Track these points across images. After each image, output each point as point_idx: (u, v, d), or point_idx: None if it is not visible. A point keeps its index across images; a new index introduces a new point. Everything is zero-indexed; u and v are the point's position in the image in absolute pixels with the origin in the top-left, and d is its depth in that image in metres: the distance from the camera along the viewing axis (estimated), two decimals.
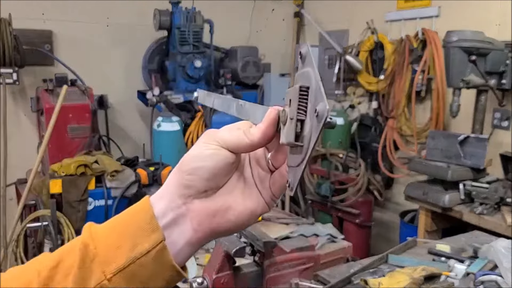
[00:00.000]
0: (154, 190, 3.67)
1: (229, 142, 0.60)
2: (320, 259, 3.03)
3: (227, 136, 0.61)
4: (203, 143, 0.62)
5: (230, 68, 4.98)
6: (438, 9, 4.17)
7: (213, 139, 0.61)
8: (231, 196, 0.63)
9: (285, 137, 0.57)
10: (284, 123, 0.57)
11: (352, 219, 4.40)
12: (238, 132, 0.61)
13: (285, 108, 0.58)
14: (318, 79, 0.53)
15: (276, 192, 0.65)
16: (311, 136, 0.53)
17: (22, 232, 3.52)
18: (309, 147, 0.54)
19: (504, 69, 3.42)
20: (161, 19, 4.60)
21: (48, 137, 3.59)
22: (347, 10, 5.15)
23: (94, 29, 4.79)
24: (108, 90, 4.67)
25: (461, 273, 2.08)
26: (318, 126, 0.51)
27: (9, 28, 3.92)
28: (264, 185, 0.65)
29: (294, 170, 0.57)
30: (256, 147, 0.61)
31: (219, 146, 0.60)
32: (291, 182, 0.58)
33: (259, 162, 0.66)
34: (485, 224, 2.98)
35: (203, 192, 0.61)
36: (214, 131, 0.63)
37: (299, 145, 0.55)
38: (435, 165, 3.39)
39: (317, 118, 0.51)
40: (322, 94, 0.51)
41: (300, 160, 0.55)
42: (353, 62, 4.76)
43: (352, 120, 4.95)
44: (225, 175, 0.62)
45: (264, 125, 0.60)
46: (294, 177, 0.57)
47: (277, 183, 0.64)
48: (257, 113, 0.64)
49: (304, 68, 0.57)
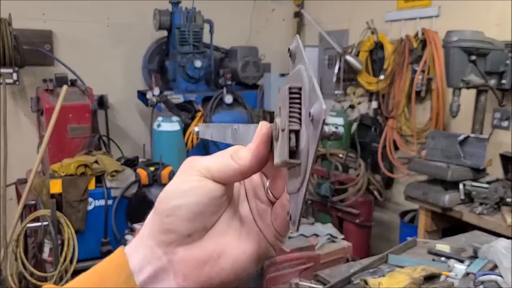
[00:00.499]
0: (154, 190, 3.68)
1: (214, 170, 0.48)
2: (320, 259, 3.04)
3: (210, 163, 0.49)
4: (181, 175, 0.50)
5: (230, 68, 4.98)
6: (438, 9, 4.18)
7: (194, 168, 0.49)
8: (224, 238, 0.51)
9: (278, 155, 0.45)
10: (276, 139, 0.46)
11: (352, 219, 4.40)
12: (224, 157, 0.49)
13: (276, 119, 0.47)
14: (310, 76, 0.42)
15: (280, 229, 0.52)
16: (309, 148, 0.42)
17: (22, 232, 3.52)
18: (307, 165, 0.42)
19: (504, 69, 3.42)
20: (161, 19, 4.60)
21: (48, 137, 3.59)
22: (347, 10, 5.15)
23: (94, 29, 4.79)
24: (108, 90, 4.67)
25: (461, 273, 2.08)
26: (315, 133, 0.40)
27: (9, 28, 3.92)
28: (265, 221, 0.53)
29: (295, 197, 0.45)
30: (248, 174, 0.49)
31: (202, 176, 0.48)
32: (292, 213, 0.46)
33: (257, 193, 0.54)
34: (485, 224, 2.99)
35: (187, 236, 0.49)
36: (195, 159, 0.51)
37: (295, 163, 0.44)
38: (435, 165, 3.39)
39: (313, 123, 0.40)
40: (317, 93, 0.40)
41: (299, 183, 0.43)
42: (353, 62, 4.76)
43: (352, 120, 4.95)
44: (213, 213, 0.50)
45: (254, 144, 0.48)
46: (296, 205, 0.45)
47: (280, 216, 0.51)
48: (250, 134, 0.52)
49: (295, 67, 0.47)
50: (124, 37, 4.94)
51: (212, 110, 4.63)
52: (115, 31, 4.89)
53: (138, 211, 3.61)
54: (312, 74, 0.43)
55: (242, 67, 4.98)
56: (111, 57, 4.91)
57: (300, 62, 0.46)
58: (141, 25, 4.93)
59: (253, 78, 5.09)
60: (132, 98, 4.92)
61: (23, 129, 4.52)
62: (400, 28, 4.43)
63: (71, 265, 3.42)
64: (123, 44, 4.96)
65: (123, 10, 4.86)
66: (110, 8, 4.82)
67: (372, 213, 4.63)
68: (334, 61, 5.12)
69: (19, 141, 4.40)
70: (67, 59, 4.45)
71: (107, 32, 4.87)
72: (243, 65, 4.98)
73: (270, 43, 5.65)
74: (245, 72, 5.00)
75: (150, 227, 0.50)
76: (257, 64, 5.07)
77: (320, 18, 5.43)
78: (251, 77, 5.05)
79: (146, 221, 0.51)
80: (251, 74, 5.03)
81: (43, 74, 4.39)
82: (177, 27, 4.63)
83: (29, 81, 4.48)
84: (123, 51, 4.98)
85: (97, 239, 3.62)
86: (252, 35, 5.63)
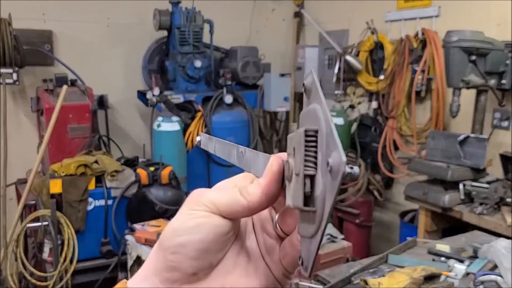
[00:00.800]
0: (154, 190, 3.68)
1: (221, 205, 0.46)
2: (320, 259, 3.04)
3: (218, 198, 0.47)
4: (187, 210, 0.47)
5: (230, 68, 4.98)
6: (438, 9, 4.17)
7: (200, 202, 0.47)
8: (231, 275, 0.49)
9: (291, 199, 0.44)
10: (289, 179, 0.44)
11: (352, 219, 4.40)
12: (232, 192, 0.47)
13: (289, 159, 0.45)
14: (328, 120, 0.40)
15: (289, 267, 0.50)
16: (325, 198, 0.40)
17: (22, 232, 3.52)
18: (323, 214, 0.40)
19: (504, 69, 3.42)
20: (161, 19, 4.59)
21: (48, 137, 3.59)
22: (347, 10, 5.15)
23: (94, 29, 4.78)
24: (108, 90, 4.66)
25: (461, 273, 2.08)
26: (333, 184, 0.38)
27: (9, 28, 3.92)
28: (273, 257, 0.50)
29: (308, 243, 0.43)
30: (257, 210, 0.47)
31: (209, 211, 0.46)
32: (304, 258, 0.44)
33: (265, 226, 0.51)
34: (485, 224, 2.99)
35: (192, 275, 0.47)
36: (201, 192, 0.48)
37: (310, 210, 0.42)
38: (435, 165, 3.39)
39: (331, 174, 0.38)
40: (336, 140, 0.38)
41: (314, 230, 0.42)
42: (353, 62, 4.76)
43: (352, 120, 4.95)
44: (220, 250, 0.48)
45: (264, 181, 0.46)
46: (309, 252, 0.43)
47: (289, 255, 0.49)
48: (258, 163, 0.50)
49: (310, 105, 0.45)
50: (124, 37, 4.94)
51: (212, 110, 4.63)
52: (115, 31, 4.89)
53: (138, 211, 3.61)
54: (330, 117, 0.41)
55: (242, 67, 4.97)
56: (111, 57, 4.91)
57: (315, 100, 0.44)
58: (141, 25, 4.93)
59: (253, 78, 5.09)
60: (132, 98, 4.92)
61: (23, 129, 4.51)
62: (400, 28, 4.43)
63: (71, 265, 3.43)
64: (123, 44, 4.96)
65: (123, 10, 4.86)
66: (110, 8, 4.81)
67: (372, 213, 4.63)
68: (334, 61, 5.11)
69: (19, 141, 4.39)
70: (67, 59, 4.44)
71: (107, 32, 4.87)
72: (243, 65, 4.98)
73: (270, 43, 5.65)
74: (245, 72, 5.00)
75: (154, 263, 0.48)
76: (257, 64, 5.07)
77: (320, 18, 5.43)
78: (251, 77, 5.05)
79: (151, 254, 0.49)
80: (251, 74, 5.03)
81: (43, 74, 4.39)
82: (177, 27, 4.62)
83: (29, 81, 4.48)
84: (123, 51, 4.97)
85: (97, 239, 3.62)
86: (252, 35, 5.63)
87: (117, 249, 3.57)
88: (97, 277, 3.60)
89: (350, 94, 5.10)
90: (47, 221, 3.35)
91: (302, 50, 5.48)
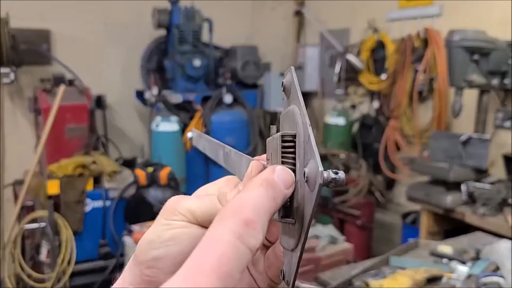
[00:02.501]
0: (152, 191, 3.65)
1: (199, 214, 0.43)
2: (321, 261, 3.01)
3: (195, 206, 0.43)
4: (163, 220, 0.44)
5: (229, 67, 4.95)
6: (440, 8, 4.15)
7: (176, 212, 0.44)
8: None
9: None
10: None
11: (353, 221, 4.38)
12: (211, 199, 0.44)
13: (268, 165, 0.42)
14: (306, 124, 0.37)
15: (275, 278, 0.47)
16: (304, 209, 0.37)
17: (19, 234, 3.50)
18: (303, 225, 0.37)
19: (507, 68, 3.39)
20: (159, 18, 4.57)
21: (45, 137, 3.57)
22: (348, 9, 5.12)
23: (92, 28, 4.76)
24: (106, 90, 4.64)
25: (463, 275, 2.07)
26: (312, 195, 0.36)
27: (6, 27, 3.89)
28: (258, 267, 0.47)
29: (290, 255, 0.40)
30: None
31: (186, 221, 0.43)
32: (286, 272, 0.41)
33: None
34: (487, 225, 2.96)
35: None
36: (178, 200, 0.45)
37: (289, 222, 0.40)
38: (437, 165, 3.37)
39: (308, 185, 0.36)
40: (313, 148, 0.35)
41: (294, 244, 0.39)
42: (354, 61, 4.73)
43: (354, 120, 4.92)
44: None
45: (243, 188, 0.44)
46: (290, 265, 0.40)
47: (274, 266, 0.46)
48: (241, 166, 0.46)
49: (289, 106, 0.42)
50: (122, 36, 4.92)
51: (211, 110, 4.60)
52: (113, 30, 4.87)
53: (137, 212, 3.58)
54: (307, 121, 0.37)
55: (242, 67, 4.94)
56: (109, 57, 4.89)
57: (294, 101, 0.41)
58: (140, 24, 4.90)
59: (253, 77, 5.06)
60: (131, 97, 4.90)
61: (21, 129, 4.49)
62: (402, 27, 4.40)
63: (69, 266, 3.40)
64: (122, 43, 4.93)
65: (121, 9, 4.84)
66: (108, 7, 4.79)
67: (374, 214, 4.60)
68: (335, 60, 5.09)
69: (16, 142, 4.37)
70: (64, 58, 4.42)
71: (105, 31, 4.84)
72: (243, 65, 4.95)
73: (271, 42, 5.62)
74: (245, 71, 4.97)
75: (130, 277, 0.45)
76: (257, 64, 5.04)
77: (321, 16, 5.41)
78: (251, 76, 5.02)
79: (126, 268, 0.46)
80: (251, 74, 4.99)
81: (41, 73, 4.36)
82: (176, 26, 4.60)
83: (27, 81, 4.45)
84: (122, 50, 4.95)
85: (95, 240, 3.59)
86: (252, 34, 5.61)
87: (115, 251, 3.55)
88: (95, 279, 3.58)
89: (352, 94, 5.07)
90: (45, 222, 3.33)
91: (302, 49, 5.46)
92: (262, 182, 0.38)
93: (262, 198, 0.38)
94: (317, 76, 5.43)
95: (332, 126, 4.86)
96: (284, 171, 0.39)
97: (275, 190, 0.38)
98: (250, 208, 0.37)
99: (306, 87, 5.42)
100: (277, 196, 0.38)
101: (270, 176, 0.39)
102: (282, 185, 0.39)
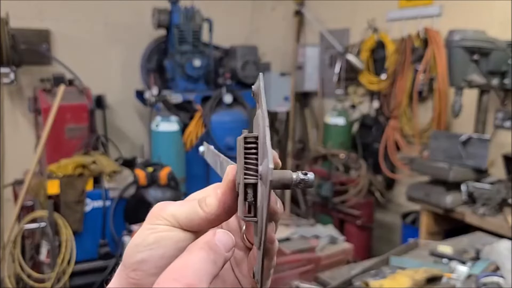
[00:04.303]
0: (152, 191, 3.65)
1: (181, 218, 0.44)
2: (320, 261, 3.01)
3: (178, 211, 0.45)
4: (148, 225, 0.45)
5: (229, 67, 4.95)
6: (440, 8, 4.14)
7: (160, 216, 0.45)
8: None
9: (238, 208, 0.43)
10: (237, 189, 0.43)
11: (353, 221, 4.38)
12: (192, 204, 0.45)
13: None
14: (265, 125, 0.39)
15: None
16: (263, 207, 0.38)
17: (19, 233, 3.49)
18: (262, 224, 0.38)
19: (507, 68, 3.39)
20: (159, 17, 4.57)
21: (45, 137, 3.57)
22: (348, 9, 5.12)
23: (92, 28, 4.76)
24: (106, 90, 4.64)
25: (463, 275, 2.07)
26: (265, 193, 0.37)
27: (6, 27, 3.89)
28: (242, 269, 0.48)
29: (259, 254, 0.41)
30: (215, 222, 0.45)
31: (170, 225, 0.44)
32: (255, 271, 0.42)
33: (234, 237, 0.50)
34: (487, 225, 2.96)
35: None
36: (162, 206, 0.46)
37: (251, 220, 0.41)
38: (437, 165, 3.36)
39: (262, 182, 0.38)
40: (267, 146, 0.37)
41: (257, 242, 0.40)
42: (354, 61, 4.73)
43: (353, 120, 4.92)
44: None
45: (220, 191, 0.45)
46: (258, 264, 0.41)
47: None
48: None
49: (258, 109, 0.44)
50: (122, 36, 4.92)
51: (211, 109, 4.59)
52: (113, 30, 4.87)
53: (136, 212, 3.58)
54: (266, 122, 0.39)
55: (242, 67, 4.94)
56: (109, 57, 4.89)
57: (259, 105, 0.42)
58: (140, 24, 4.90)
59: (253, 77, 5.05)
60: (130, 97, 4.90)
61: (20, 129, 4.49)
62: (402, 27, 4.40)
63: (69, 266, 3.40)
64: (121, 43, 4.93)
65: (121, 9, 4.84)
66: (108, 7, 4.79)
67: (374, 214, 4.60)
68: (335, 60, 5.09)
69: (16, 142, 4.37)
70: (64, 58, 4.42)
71: (105, 31, 4.84)
72: (243, 65, 4.95)
73: (270, 42, 5.62)
74: (245, 71, 4.97)
75: (118, 281, 0.46)
76: (257, 64, 5.04)
77: (321, 16, 5.41)
78: (251, 76, 5.01)
79: (117, 272, 0.47)
80: (251, 74, 4.99)
81: (41, 73, 4.36)
82: (176, 26, 4.60)
83: (27, 81, 4.45)
84: (121, 50, 4.95)
85: (95, 240, 3.59)
86: (252, 34, 5.61)
87: (115, 251, 3.55)
88: (95, 279, 3.58)
89: (351, 94, 5.07)
90: (45, 222, 3.33)
91: (302, 49, 5.46)
92: (204, 246, 0.41)
93: (202, 262, 0.40)
94: (317, 76, 5.43)
95: (332, 126, 4.86)
96: (224, 235, 0.42)
97: (216, 254, 0.41)
98: (191, 273, 0.39)
99: (306, 87, 5.43)
100: (218, 259, 0.41)
101: (212, 239, 0.41)
102: (222, 248, 0.41)
